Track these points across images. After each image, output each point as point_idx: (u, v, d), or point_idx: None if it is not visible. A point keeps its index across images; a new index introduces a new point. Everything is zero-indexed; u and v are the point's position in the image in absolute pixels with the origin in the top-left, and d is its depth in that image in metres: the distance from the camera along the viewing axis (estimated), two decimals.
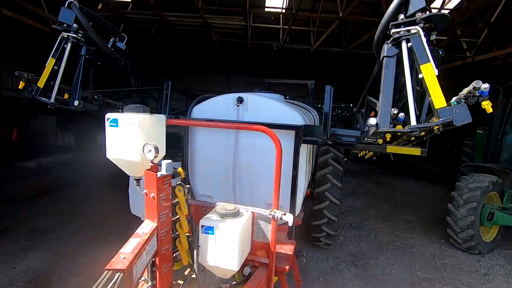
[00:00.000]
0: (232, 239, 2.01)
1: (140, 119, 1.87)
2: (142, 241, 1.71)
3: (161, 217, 1.91)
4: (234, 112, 2.75)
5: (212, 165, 2.86)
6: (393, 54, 1.85)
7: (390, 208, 6.46)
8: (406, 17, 1.75)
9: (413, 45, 1.72)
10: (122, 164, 1.99)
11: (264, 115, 2.65)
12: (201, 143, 2.90)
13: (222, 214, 2.10)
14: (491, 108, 1.57)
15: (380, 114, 1.83)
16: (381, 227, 5.50)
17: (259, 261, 2.31)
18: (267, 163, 2.61)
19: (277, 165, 2.12)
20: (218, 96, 2.97)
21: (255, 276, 2.22)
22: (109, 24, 2.94)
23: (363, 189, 7.96)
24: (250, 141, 2.72)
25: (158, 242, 1.90)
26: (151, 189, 1.86)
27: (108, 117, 1.91)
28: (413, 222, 5.76)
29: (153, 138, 1.90)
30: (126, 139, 1.89)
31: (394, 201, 6.93)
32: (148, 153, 1.78)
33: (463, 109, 1.57)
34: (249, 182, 2.78)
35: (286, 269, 2.30)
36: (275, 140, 2.13)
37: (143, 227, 1.85)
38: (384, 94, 1.86)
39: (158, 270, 1.94)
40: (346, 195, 7.11)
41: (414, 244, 4.82)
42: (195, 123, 2.74)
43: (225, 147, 2.81)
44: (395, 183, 8.79)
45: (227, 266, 2.03)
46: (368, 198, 7.09)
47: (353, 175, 9.53)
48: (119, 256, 1.56)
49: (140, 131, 1.87)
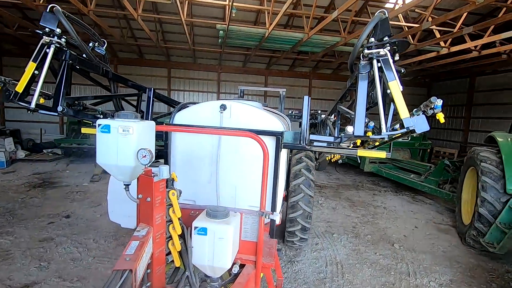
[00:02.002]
0: (225, 238, 2.15)
1: (135, 125, 1.91)
2: (142, 243, 1.77)
3: (157, 220, 1.97)
4: (217, 119, 2.83)
5: (195, 170, 2.92)
6: (366, 72, 2.19)
7: (391, 261, 4.35)
8: (377, 41, 2.09)
9: (382, 65, 2.06)
10: (113, 170, 2.00)
11: (246, 122, 2.80)
12: (183, 149, 2.94)
13: (214, 215, 2.24)
14: (443, 119, 1.96)
15: (356, 122, 2.15)
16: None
17: (247, 259, 2.47)
18: (249, 168, 2.77)
19: (264, 169, 2.30)
20: (201, 103, 3.08)
21: (243, 273, 2.36)
22: (89, 29, 2.89)
23: (339, 217, 6.10)
24: (232, 147, 2.82)
25: (153, 245, 1.95)
26: (147, 193, 1.93)
27: (100, 123, 1.91)
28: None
29: (145, 144, 1.95)
30: (119, 145, 1.90)
31: (387, 241, 5.04)
32: (142, 158, 1.83)
33: (422, 119, 1.94)
34: (232, 186, 2.86)
35: (272, 265, 2.49)
36: (262, 145, 2.30)
37: (139, 230, 1.89)
38: (359, 105, 2.18)
39: (153, 272, 1.99)
40: (321, 233, 5.21)
41: None
42: (184, 130, 2.78)
43: (208, 153, 2.88)
44: (373, 202, 7.37)
45: (220, 264, 2.17)
46: (351, 239, 5.03)
47: (323, 193, 7.98)
48: (123, 258, 1.62)
49: (134, 137, 1.90)
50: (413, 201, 7.71)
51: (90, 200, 6.49)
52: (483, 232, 4.41)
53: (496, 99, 13.09)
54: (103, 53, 3.03)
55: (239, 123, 2.80)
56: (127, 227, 2.78)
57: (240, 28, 8.85)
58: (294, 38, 9.48)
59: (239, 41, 10.52)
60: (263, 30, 8.90)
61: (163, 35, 12.45)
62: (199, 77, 15.38)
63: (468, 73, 14.27)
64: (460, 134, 14.85)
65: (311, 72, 16.06)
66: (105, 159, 1.94)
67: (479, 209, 4.45)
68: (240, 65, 15.50)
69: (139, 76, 14.59)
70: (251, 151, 2.72)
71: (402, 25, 8.72)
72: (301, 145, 2.86)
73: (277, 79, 15.99)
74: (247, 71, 15.56)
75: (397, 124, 2.08)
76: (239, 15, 10.42)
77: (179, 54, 14.54)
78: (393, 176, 8.40)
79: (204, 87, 15.53)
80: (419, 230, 5.66)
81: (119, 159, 1.90)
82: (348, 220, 6.01)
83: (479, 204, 4.48)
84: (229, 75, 15.57)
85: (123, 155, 1.89)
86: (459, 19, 8.04)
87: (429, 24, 7.52)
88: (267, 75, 15.81)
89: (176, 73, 15.18)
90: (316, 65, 15.36)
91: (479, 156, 4.79)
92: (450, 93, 15.70)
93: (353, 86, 2.74)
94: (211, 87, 15.57)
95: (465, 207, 5.48)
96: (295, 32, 9.25)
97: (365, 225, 5.78)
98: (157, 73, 14.96)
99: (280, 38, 9.60)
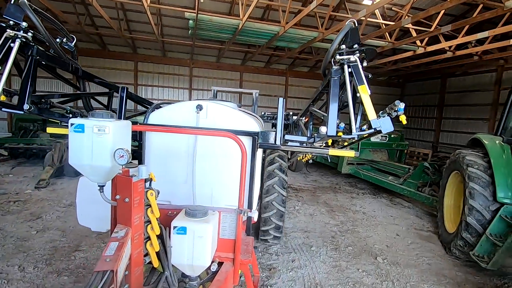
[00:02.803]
0: (204, 237, 2.18)
1: (111, 125, 1.88)
2: (122, 244, 1.77)
3: (135, 220, 1.96)
4: (193, 119, 2.84)
5: (170, 171, 2.92)
6: (338, 76, 2.36)
7: (375, 279, 3.87)
8: (347, 47, 2.26)
9: (352, 70, 2.23)
10: (87, 170, 1.96)
11: (223, 122, 2.85)
12: (158, 149, 2.93)
13: (193, 214, 2.26)
14: (405, 120, 2.16)
15: (329, 123, 2.32)
16: None
17: (225, 256, 2.51)
18: (225, 167, 2.86)
19: (242, 168, 2.36)
20: (176, 103, 3.10)
21: (222, 270, 2.40)
22: (57, 23, 2.82)
23: (317, 225, 5.60)
24: (209, 147, 2.86)
25: (132, 246, 1.94)
26: (125, 193, 1.92)
27: (73, 123, 1.87)
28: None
29: (122, 144, 1.93)
30: (94, 145, 1.87)
31: (369, 253, 4.58)
32: (120, 159, 1.82)
33: (388, 121, 2.13)
34: (208, 185, 2.91)
35: (250, 261, 2.57)
36: (241, 145, 2.34)
37: (117, 231, 1.88)
38: (331, 107, 2.35)
39: (131, 274, 1.97)
40: (298, 247, 4.62)
41: None
42: (163, 130, 2.75)
43: (184, 153, 2.90)
44: (352, 207, 6.94)
45: (200, 262, 2.21)
46: (331, 252, 4.48)
47: (300, 197, 7.46)
48: (104, 259, 1.63)
49: (111, 136, 1.87)
50: (392, 205, 7.43)
51: (28, 212, 5.46)
52: (471, 243, 4.07)
53: (466, 100, 13.40)
54: (72, 49, 2.96)
55: (215, 123, 2.84)
56: (98, 230, 2.71)
57: (211, 18, 8.14)
58: (269, 31, 8.95)
59: (212, 33, 9.79)
60: (237, 21, 8.25)
61: (127, 24, 11.41)
62: (169, 72, 14.41)
63: (440, 74, 14.53)
64: (432, 134, 15.12)
65: (288, 70, 15.65)
66: (78, 160, 1.90)
67: (466, 218, 4.10)
68: (213, 60, 14.72)
69: (102, 69, 13.42)
70: (227, 151, 2.79)
71: (379, 23, 8.43)
72: (277, 144, 2.94)
73: (253, 76, 15.42)
74: (221, 66, 14.81)
75: (365, 125, 2.27)
76: (211, 6, 9.72)
77: (147, 46, 13.50)
78: (371, 178, 8.11)
79: (175, 82, 14.58)
80: (400, 239, 5.30)
81: (94, 160, 1.87)
82: (326, 229, 5.53)
83: (467, 212, 4.13)
84: (202, 71, 14.74)
85: (98, 155, 1.87)
86: (435, 18, 7.90)
87: (409, 20, 7.25)
88: (242, 71, 15.17)
89: (144, 67, 14.12)
90: (293, 62, 14.97)
91: (465, 160, 4.45)
92: (423, 93, 16.00)
93: (325, 89, 2.92)
94: (182, 83, 14.64)
95: (448, 213, 5.17)
96: (271, 25, 8.67)
97: (345, 234, 5.33)
98: (122, 66, 13.82)
99: (255, 31, 9.02)
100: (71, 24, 9.64)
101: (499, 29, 7.50)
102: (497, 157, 4.13)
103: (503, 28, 7.44)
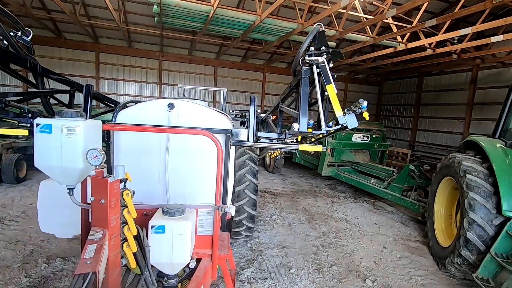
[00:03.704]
0: (184, 234, 2.20)
1: (81, 125, 1.83)
2: (100, 246, 1.75)
3: (112, 222, 1.92)
4: (165, 118, 2.83)
5: (142, 170, 2.88)
6: (307, 76, 2.55)
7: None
8: (315, 49, 2.46)
9: (320, 71, 2.41)
10: (56, 173, 1.88)
11: (195, 120, 2.86)
12: (129, 149, 2.89)
13: (171, 213, 2.26)
14: (368, 117, 2.33)
15: (300, 121, 2.49)
16: None
17: (203, 253, 2.53)
18: (199, 165, 2.89)
19: (218, 165, 2.47)
20: (146, 101, 3.09)
21: (200, 267, 2.43)
22: (11, 16, 2.68)
23: (297, 239, 4.92)
24: (182, 145, 2.88)
25: (109, 248, 1.89)
26: (100, 195, 1.87)
27: (39, 123, 1.81)
28: None
29: (93, 144, 1.90)
30: (64, 146, 1.81)
31: (357, 273, 4.02)
32: (93, 159, 1.79)
33: (353, 117, 2.35)
34: (182, 184, 2.92)
35: (227, 255, 2.64)
36: (217, 143, 2.43)
37: (94, 234, 1.84)
38: (303, 105, 2.54)
39: (109, 276, 1.91)
40: (275, 269, 3.98)
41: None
42: (136, 129, 2.71)
43: (156, 152, 2.89)
44: (333, 214, 6.36)
45: (180, 260, 2.23)
46: (314, 275, 3.85)
47: (278, 204, 6.83)
48: (84, 262, 1.62)
49: (82, 137, 1.83)
50: (375, 210, 6.98)
51: None
52: (472, 263, 3.57)
53: (442, 99, 13.40)
54: (29, 44, 2.82)
55: (188, 121, 2.84)
56: (63, 236, 2.63)
57: (178, 3, 7.21)
58: (245, 20, 8.19)
59: (180, 21, 8.84)
60: (207, 7, 7.42)
61: (84, 8, 10.04)
62: (136, 65, 13.18)
63: (417, 73, 14.48)
64: (409, 133, 15.08)
65: (265, 65, 14.95)
66: (45, 162, 1.84)
67: (466, 233, 3.59)
68: (185, 52, 13.67)
69: (58, 60, 11.99)
70: (200, 149, 2.84)
71: (361, 17, 7.90)
72: (250, 141, 2.96)
73: (229, 71, 14.54)
74: (194, 60, 13.79)
75: (331, 121, 2.46)
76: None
77: (110, 36, 12.20)
78: (353, 181, 7.61)
79: (143, 76, 13.37)
80: (388, 252, 4.79)
81: (64, 161, 1.82)
82: (307, 243, 4.90)
83: (466, 226, 3.62)
84: (172, 64, 13.64)
85: (69, 156, 1.82)
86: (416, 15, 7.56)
87: (393, 12, 6.74)
88: (217, 66, 14.25)
89: (107, 58, 12.77)
90: (271, 57, 14.30)
91: (462, 166, 3.95)
92: (400, 92, 15.93)
93: (295, 88, 3.08)
94: (151, 77, 13.45)
95: (439, 223, 4.70)
96: (246, 13, 7.87)
97: (328, 249, 4.71)
98: (81, 57, 12.37)
99: (229, 21, 8.23)
100: (14, 6, 8.25)
101: (482, 26, 7.22)
102: (500, 163, 3.65)
103: (486, 25, 7.18)
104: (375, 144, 8.45)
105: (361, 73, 16.29)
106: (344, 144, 8.13)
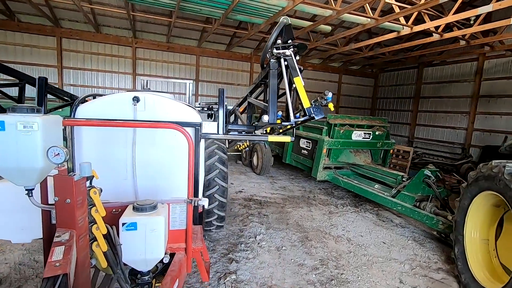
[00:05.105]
0: (157, 229, 2.17)
1: (40, 121, 1.71)
2: (68, 247, 1.69)
3: (79, 222, 1.87)
4: (130, 112, 2.77)
5: (107, 168, 2.79)
6: (275, 69, 2.60)
7: None
8: (283, 43, 2.50)
9: (288, 63, 2.47)
10: (12, 174, 1.74)
11: (162, 114, 2.82)
12: (91, 146, 2.80)
13: (142, 209, 2.21)
14: (333, 107, 2.55)
15: (270, 112, 2.51)
16: None
17: (177, 247, 2.52)
18: (168, 159, 2.88)
19: (190, 158, 2.37)
20: (109, 95, 2.96)
21: (174, 261, 2.42)
22: None
23: (286, 272, 3.74)
24: (149, 140, 2.83)
25: (77, 249, 1.85)
26: (65, 194, 1.80)
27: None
28: None
29: (53, 141, 1.80)
30: (20, 144, 1.69)
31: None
32: (55, 157, 1.70)
33: (319, 108, 2.41)
34: (151, 179, 2.88)
35: (201, 248, 2.64)
36: (187, 136, 2.36)
37: (60, 235, 1.78)
38: (272, 97, 2.56)
39: (78, 278, 1.88)
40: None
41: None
42: (102, 124, 2.55)
43: (122, 148, 2.82)
44: (332, 230, 5.17)
45: (154, 255, 2.21)
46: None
47: (265, 216, 5.60)
48: (51, 265, 1.54)
49: (41, 134, 1.71)
50: (380, 222, 5.81)
51: None
52: None
53: (444, 91, 12.40)
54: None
55: (155, 115, 2.79)
56: (21, 242, 2.53)
57: None
58: None
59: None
60: None
61: None
62: (105, 53, 11.61)
63: (416, 64, 13.43)
64: (407, 128, 14.10)
65: (253, 54, 13.57)
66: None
67: None
68: (162, 39, 12.17)
69: (11, 45, 10.33)
70: (168, 142, 2.83)
71: None
72: (220, 134, 3.00)
73: (212, 61, 13.16)
74: (172, 48, 12.33)
75: (298, 112, 2.53)
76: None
77: (72, 18, 10.59)
78: (354, 187, 6.43)
79: (114, 66, 11.83)
80: None
81: (21, 161, 1.71)
82: (301, 279, 3.71)
83: None
84: (148, 52, 12.14)
85: (26, 155, 1.71)
86: None
87: None
88: (199, 54, 12.82)
89: (71, 45, 11.16)
90: (258, 45, 12.96)
91: None
92: (397, 84, 14.90)
93: (263, 80, 3.12)
94: (123, 67, 11.93)
95: (473, 251, 3.58)
96: None
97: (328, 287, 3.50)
98: (40, 43, 10.73)
99: None
100: None
101: (505, 2, 6.08)
102: None
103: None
104: (378, 142, 7.28)
105: (356, 64, 15.15)
106: (343, 143, 6.93)
